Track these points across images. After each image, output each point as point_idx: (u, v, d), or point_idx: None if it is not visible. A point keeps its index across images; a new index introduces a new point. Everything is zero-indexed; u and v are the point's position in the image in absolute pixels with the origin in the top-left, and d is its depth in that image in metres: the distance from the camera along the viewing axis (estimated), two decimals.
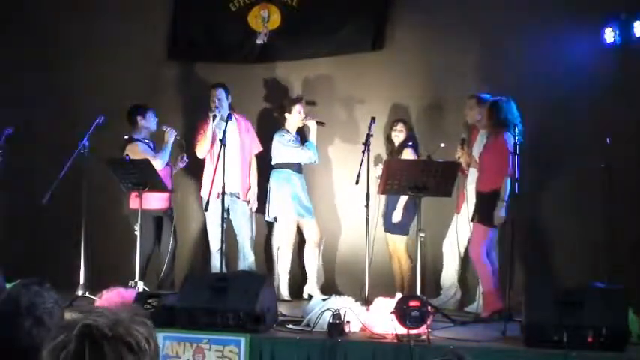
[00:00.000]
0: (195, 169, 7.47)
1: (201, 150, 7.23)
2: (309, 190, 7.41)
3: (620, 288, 5.36)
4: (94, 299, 6.14)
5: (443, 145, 6.79)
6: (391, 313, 5.09)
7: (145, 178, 6.57)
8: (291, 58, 7.92)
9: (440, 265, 7.05)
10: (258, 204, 7.42)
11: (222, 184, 6.51)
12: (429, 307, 5.18)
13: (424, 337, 5.02)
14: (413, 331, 5.00)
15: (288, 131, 7.35)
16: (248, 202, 7.34)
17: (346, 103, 7.75)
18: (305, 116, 7.37)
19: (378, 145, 7.23)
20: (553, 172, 7.08)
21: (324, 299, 5.74)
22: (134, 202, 6.80)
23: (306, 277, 7.37)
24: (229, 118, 7.05)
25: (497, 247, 6.48)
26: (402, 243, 7.19)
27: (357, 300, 5.67)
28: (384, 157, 7.36)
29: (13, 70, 8.25)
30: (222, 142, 6.53)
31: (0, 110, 7.92)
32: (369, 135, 6.35)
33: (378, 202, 6.88)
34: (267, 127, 7.63)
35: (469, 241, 6.59)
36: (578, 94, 6.92)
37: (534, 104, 6.92)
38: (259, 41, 7.92)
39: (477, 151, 6.65)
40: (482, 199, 6.28)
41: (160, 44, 8.17)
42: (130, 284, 6.33)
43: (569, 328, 4.77)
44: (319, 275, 7.46)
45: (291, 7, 7.85)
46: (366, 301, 5.73)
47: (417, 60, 7.56)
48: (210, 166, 6.98)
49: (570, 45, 6.95)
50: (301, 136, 7.46)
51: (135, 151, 6.92)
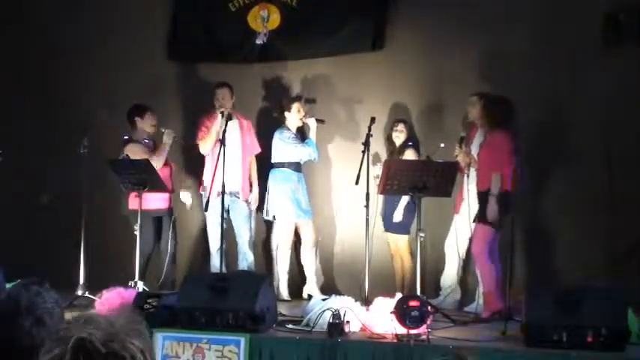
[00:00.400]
0: (196, 168, 7.47)
1: (206, 146, 7.19)
2: (308, 190, 7.40)
3: (620, 288, 5.36)
4: (93, 299, 6.13)
5: (442, 145, 6.79)
6: (391, 313, 5.08)
7: (145, 178, 6.56)
8: (291, 58, 7.92)
9: (440, 265, 7.04)
10: (257, 203, 7.43)
11: (222, 183, 6.52)
12: (428, 307, 5.18)
13: (424, 337, 5.02)
14: (413, 331, 5.00)
15: (288, 129, 7.35)
16: (248, 202, 7.34)
17: (346, 103, 7.75)
18: (304, 114, 7.37)
19: (377, 145, 7.23)
20: (553, 172, 7.07)
21: (323, 299, 5.74)
22: (133, 203, 6.80)
23: (305, 277, 7.37)
24: (230, 117, 7.05)
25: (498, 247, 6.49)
26: (405, 243, 7.19)
27: (356, 300, 5.67)
28: (382, 155, 7.36)
29: (12, 70, 8.25)
30: (222, 141, 6.55)
31: (0, 110, 7.93)
32: (368, 135, 6.35)
33: (376, 202, 6.88)
34: (267, 127, 7.63)
35: (470, 241, 6.59)
36: (578, 93, 6.92)
37: (534, 104, 6.92)
38: (259, 41, 7.91)
39: (475, 150, 6.65)
40: (481, 197, 6.28)
41: (160, 44, 8.17)
42: (130, 284, 6.32)
43: (569, 328, 4.77)
44: (318, 275, 7.45)
45: (291, 7, 7.84)
46: (366, 301, 5.73)
47: (416, 60, 7.55)
48: (211, 165, 6.98)
49: (570, 45, 6.94)
50: (301, 135, 7.46)
51: (133, 152, 6.92)
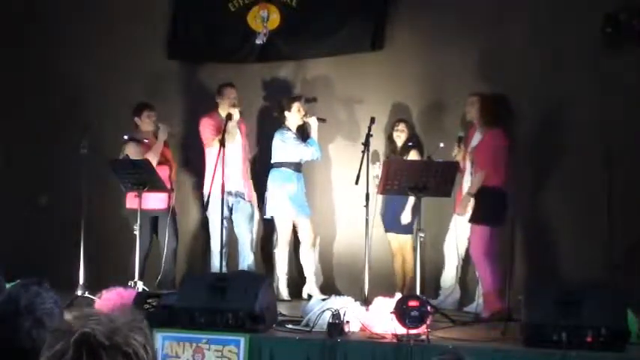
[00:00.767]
0: (196, 168, 7.47)
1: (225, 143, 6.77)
2: (308, 190, 7.40)
3: (620, 288, 5.36)
4: (93, 299, 6.13)
5: (442, 145, 6.78)
6: (391, 313, 5.08)
7: (145, 177, 6.57)
8: (291, 58, 7.92)
9: (439, 265, 7.04)
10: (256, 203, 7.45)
11: (222, 183, 6.52)
12: (428, 307, 5.18)
13: (424, 337, 5.02)
14: (412, 331, 5.00)
15: (288, 129, 7.34)
16: (251, 203, 7.35)
17: (346, 102, 7.74)
18: (305, 113, 7.37)
19: (377, 145, 7.23)
20: (553, 172, 7.07)
21: (323, 299, 5.74)
22: (131, 202, 6.80)
23: (305, 277, 7.37)
24: (231, 118, 7.04)
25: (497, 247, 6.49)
26: (408, 242, 7.18)
27: (356, 300, 5.67)
28: (381, 155, 7.36)
29: (12, 70, 8.25)
30: (222, 142, 6.55)
31: (0, 110, 7.93)
32: (368, 135, 6.35)
33: (376, 201, 6.88)
34: (267, 127, 7.63)
35: (469, 240, 6.59)
36: (578, 93, 6.92)
37: (534, 104, 6.92)
38: (259, 41, 7.90)
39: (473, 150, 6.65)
40: (475, 197, 6.28)
41: (160, 44, 8.17)
42: (130, 284, 6.33)
43: (568, 328, 4.77)
44: (318, 275, 7.44)
45: (291, 7, 7.84)
46: (366, 301, 5.72)
47: (416, 60, 7.55)
48: (212, 165, 6.96)
49: (570, 44, 6.94)
50: (302, 135, 7.46)
51: (129, 152, 6.94)
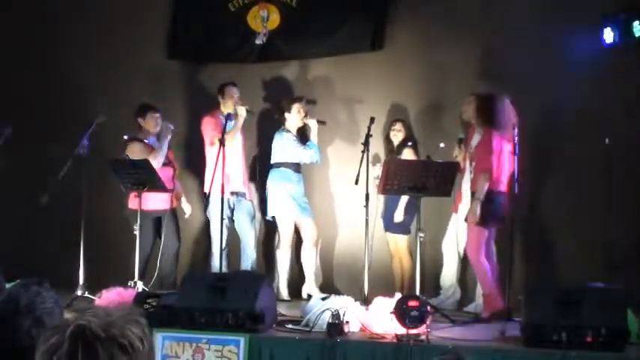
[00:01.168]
0: (198, 168, 7.47)
1: (230, 140, 6.95)
2: (308, 190, 7.40)
3: (620, 288, 5.35)
4: (93, 299, 6.14)
5: (442, 145, 6.80)
6: (390, 313, 5.08)
7: (145, 178, 6.56)
8: (291, 58, 7.93)
9: (439, 265, 7.04)
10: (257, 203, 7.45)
11: (222, 183, 6.52)
12: (428, 307, 5.18)
13: (423, 337, 5.01)
14: (412, 331, 4.99)
15: (288, 130, 7.34)
16: (252, 202, 7.36)
17: (345, 102, 7.75)
18: (305, 115, 7.37)
19: (377, 145, 7.23)
20: (553, 172, 7.08)
21: (323, 299, 5.73)
22: (133, 203, 6.80)
23: (304, 276, 7.37)
24: (231, 118, 7.04)
25: (495, 247, 6.48)
26: (404, 243, 7.18)
27: (356, 300, 5.67)
28: (382, 156, 7.36)
29: (13, 70, 8.25)
30: (222, 141, 6.55)
31: (0, 110, 7.92)
32: (368, 135, 6.35)
33: (376, 202, 6.88)
34: (267, 127, 7.64)
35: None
36: (578, 93, 6.92)
37: (534, 104, 6.92)
38: (258, 41, 7.91)
39: (472, 150, 6.64)
40: (472, 198, 6.28)
41: (160, 44, 8.17)
42: (130, 284, 6.33)
43: (568, 328, 4.77)
44: (318, 275, 7.45)
45: (291, 6, 7.85)
46: (366, 301, 5.72)
47: (416, 60, 7.55)
48: (213, 165, 6.95)
49: (570, 45, 6.94)
50: (302, 136, 7.46)
51: (132, 151, 6.93)
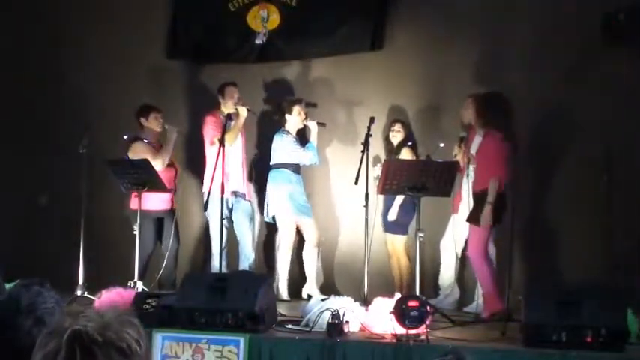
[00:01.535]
0: (198, 169, 7.48)
1: (232, 140, 7.03)
2: (307, 191, 7.40)
3: (620, 288, 5.36)
4: (93, 299, 6.13)
5: (442, 146, 6.80)
6: (390, 313, 5.08)
7: (144, 178, 6.56)
8: (290, 58, 7.93)
9: (438, 265, 7.05)
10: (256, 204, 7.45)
11: (222, 183, 6.52)
12: (428, 307, 5.18)
13: (423, 337, 5.02)
14: (412, 331, 5.00)
15: (288, 132, 7.34)
16: (251, 202, 7.36)
17: (345, 103, 7.74)
18: (305, 117, 7.37)
19: (376, 146, 7.23)
20: (553, 172, 7.07)
21: (323, 299, 5.73)
22: (134, 203, 6.80)
23: (305, 277, 7.37)
24: (231, 118, 7.04)
25: (495, 247, 6.49)
26: (402, 243, 7.19)
27: (356, 300, 5.67)
28: (382, 157, 7.36)
29: (13, 70, 8.25)
30: (222, 142, 6.55)
31: (0, 109, 7.94)
32: (368, 135, 6.35)
33: (376, 202, 6.88)
34: (267, 128, 7.64)
35: (466, 241, 6.59)
36: (578, 93, 6.92)
37: (533, 104, 6.92)
38: (258, 41, 7.91)
39: (474, 151, 6.65)
40: (476, 199, 6.29)
41: (160, 44, 8.17)
42: (130, 284, 6.33)
43: (568, 328, 4.78)
44: (318, 275, 7.45)
45: (290, 6, 7.84)
46: (365, 301, 5.72)
47: (416, 60, 7.55)
48: (212, 165, 6.96)
49: (570, 45, 6.95)
50: (302, 138, 7.46)
51: (136, 150, 6.93)
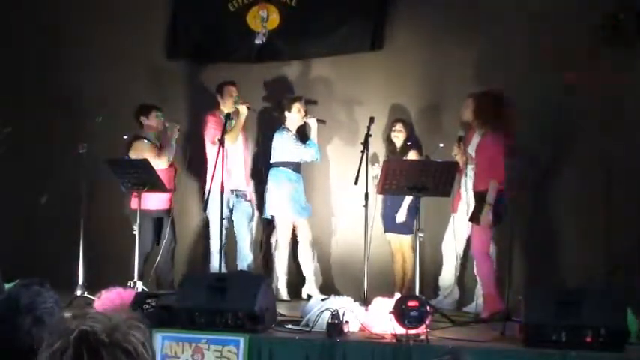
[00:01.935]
0: (196, 169, 7.47)
1: (234, 139, 7.11)
2: (307, 190, 7.40)
3: (620, 288, 5.37)
4: (92, 299, 6.13)
5: (442, 146, 6.80)
6: (390, 313, 5.08)
7: (144, 177, 6.57)
8: (290, 58, 7.93)
9: (438, 265, 7.04)
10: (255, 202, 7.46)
11: (221, 183, 6.52)
12: (427, 307, 5.18)
13: (423, 337, 5.02)
14: (412, 331, 5.00)
15: (288, 129, 7.34)
16: (251, 202, 7.37)
17: (345, 103, 7.74)
18: (305, 114, 7.37)
19: (376, 146, 7.22)
20: (553, 173, 7.08)
21: (322, 299, 5.73)
22: (134, 203, 6.80)
23: (304, 277, 7.36)
24: (230, 117, 7.04)
25: (495, 247, 6.49)
26: (409, 242, 7.17)
27: (355, 300, 5.67)
28: (380, 156, 7.36)
29: (13, 70, 8.25)
30: (222, 141, 6.55)
31: (0, 110, 7.93)
32: (367, 135, 6.35)
33: (375, 202, 6.88)
34: (267, 127, 7.64)
35: (467, 241, 6.58)
36: (578, 93, 6.92)
37: (534, 104, 6.92)
38: (258, 41, 7.91)
39: (472, 151, 6.65)
40: (477, 198, 6.29)
41: (160, 44, 8.17)
42: (129, 284, 6.33)
43: (568, 328, 4.78)
44: (317, 275, 7.45)
45: (290, 6, 7.84)
46: (365, 301, 5.72)
47: (416, 60, 7.55)
48: (213, 165, 6.95)
49: (570, 45, 6.95)
50: (302, 136, 7.46)
51: (138, 149, 6.94)
